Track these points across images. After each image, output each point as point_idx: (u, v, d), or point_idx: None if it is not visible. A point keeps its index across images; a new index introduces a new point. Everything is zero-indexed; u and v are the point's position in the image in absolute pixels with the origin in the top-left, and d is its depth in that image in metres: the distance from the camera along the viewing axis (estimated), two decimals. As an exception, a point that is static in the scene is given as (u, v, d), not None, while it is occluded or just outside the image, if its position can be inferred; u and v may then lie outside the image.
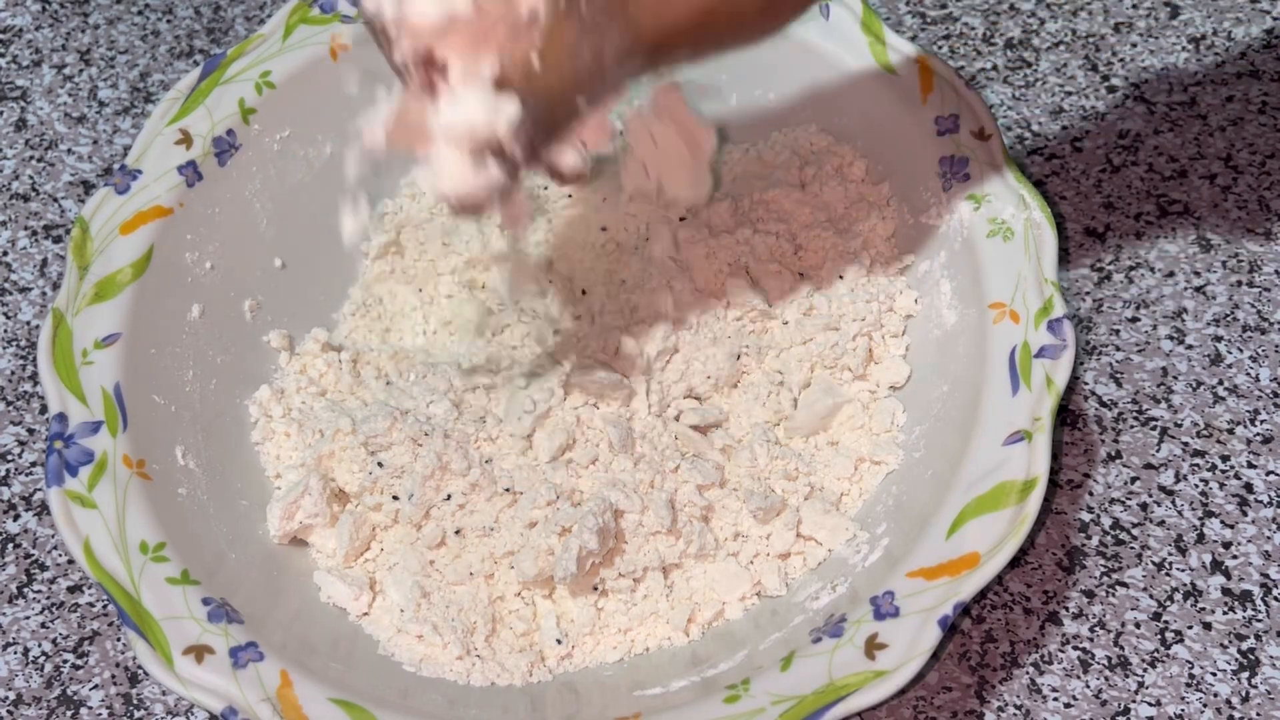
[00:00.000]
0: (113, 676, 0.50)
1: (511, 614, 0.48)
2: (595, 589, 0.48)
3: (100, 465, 0.45)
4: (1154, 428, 0.55)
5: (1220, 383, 0.56)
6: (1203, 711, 0.48)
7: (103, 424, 0.46)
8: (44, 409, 0.57)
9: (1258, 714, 0.48)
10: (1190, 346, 0.57)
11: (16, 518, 0.54)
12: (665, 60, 0.38)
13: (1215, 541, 0.52)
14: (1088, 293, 0.59)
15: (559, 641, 0.47)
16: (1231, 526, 0.52)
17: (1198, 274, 0.59)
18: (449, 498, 0.48)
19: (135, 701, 0.50)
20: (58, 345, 0.48)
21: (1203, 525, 0.52)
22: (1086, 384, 0.56)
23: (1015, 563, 0.52)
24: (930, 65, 0.53)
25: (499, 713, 0.45)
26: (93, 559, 0.43)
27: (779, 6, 0.39)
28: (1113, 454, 0.54)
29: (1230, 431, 0.55)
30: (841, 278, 0.54)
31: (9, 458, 0.56)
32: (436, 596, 0.48)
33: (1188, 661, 0.49)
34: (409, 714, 0.42)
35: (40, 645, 0.51)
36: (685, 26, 0.37)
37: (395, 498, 0.49)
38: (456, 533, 0.48)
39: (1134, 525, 0.52)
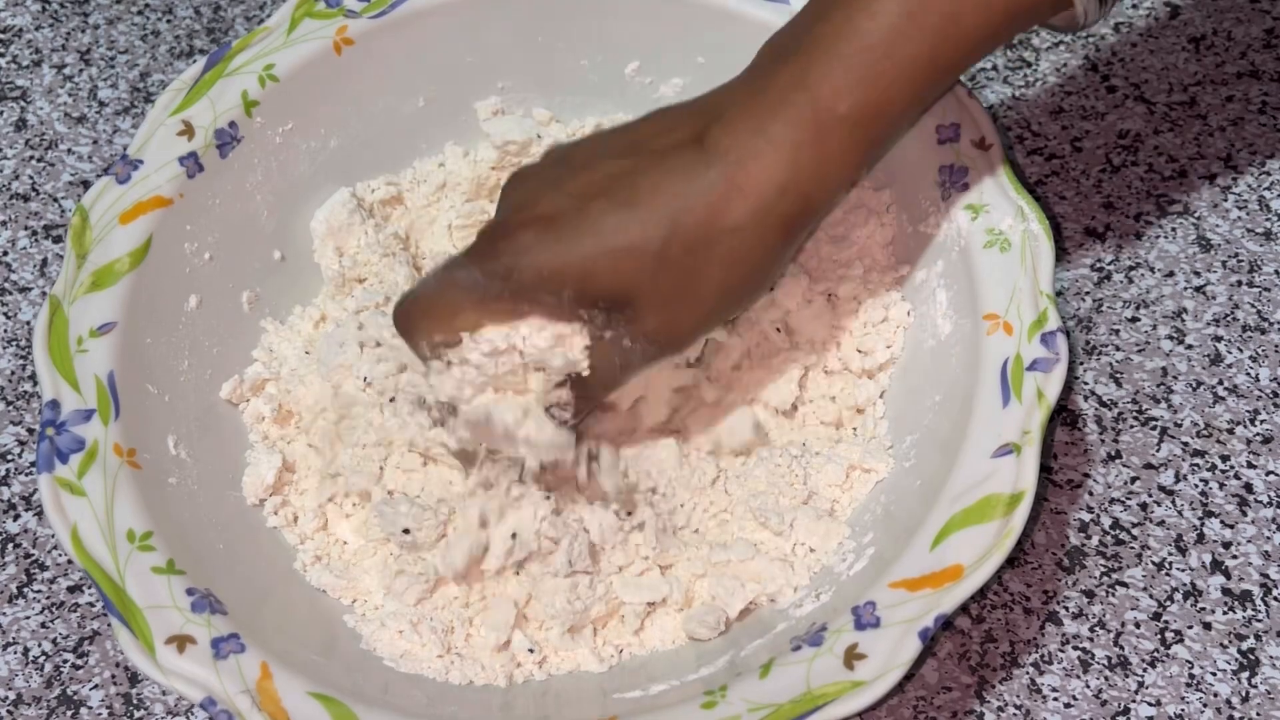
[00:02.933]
0: (113, 676, 0.50)
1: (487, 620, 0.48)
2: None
3: (90, 453, 0.45)
4: (1154, 428, 0.55)
5: (1220, 383, 0.56)
6: (1203, 711, 0.48)
7: (95, 412, 0.46)
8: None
9: (1258, 714, 0.48)
10: (1190, 346, 0.57)
11: (16, 518, 0.54)
12: (683, 350, 0.48)
13: (1215, 541, 0.52)
14: (1088, 293, 0.59)
15: (531, 650, 0.47)
16: (1231, 526, 0.52)
17: (1198, 274, 0.59)
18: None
19: (135, 701, 0.50)
20: (53, 333, 0.48)
21: (1203, 525, 0.52)
22: (1086, 384, 0.56)
23: (1015, 562, 0.52)
24: None
25: (477, 710, 0.45)
26: (80, 546, 0.43)
27: (759, 291, 0.46)
28: (1112, 454, 0.54)
29: (1230, 431, 0.55)
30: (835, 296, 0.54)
31: (9, 458, 0.56)
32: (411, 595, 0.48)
33: (1188, 661, 0.49)
34: (388, 709, 0.42)
35: (40, 645, 0.51)
36: (693, 335, 0.46)
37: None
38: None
39: (1134, 525, 0.52)
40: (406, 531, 0.48)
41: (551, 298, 0.43)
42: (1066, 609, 0.51)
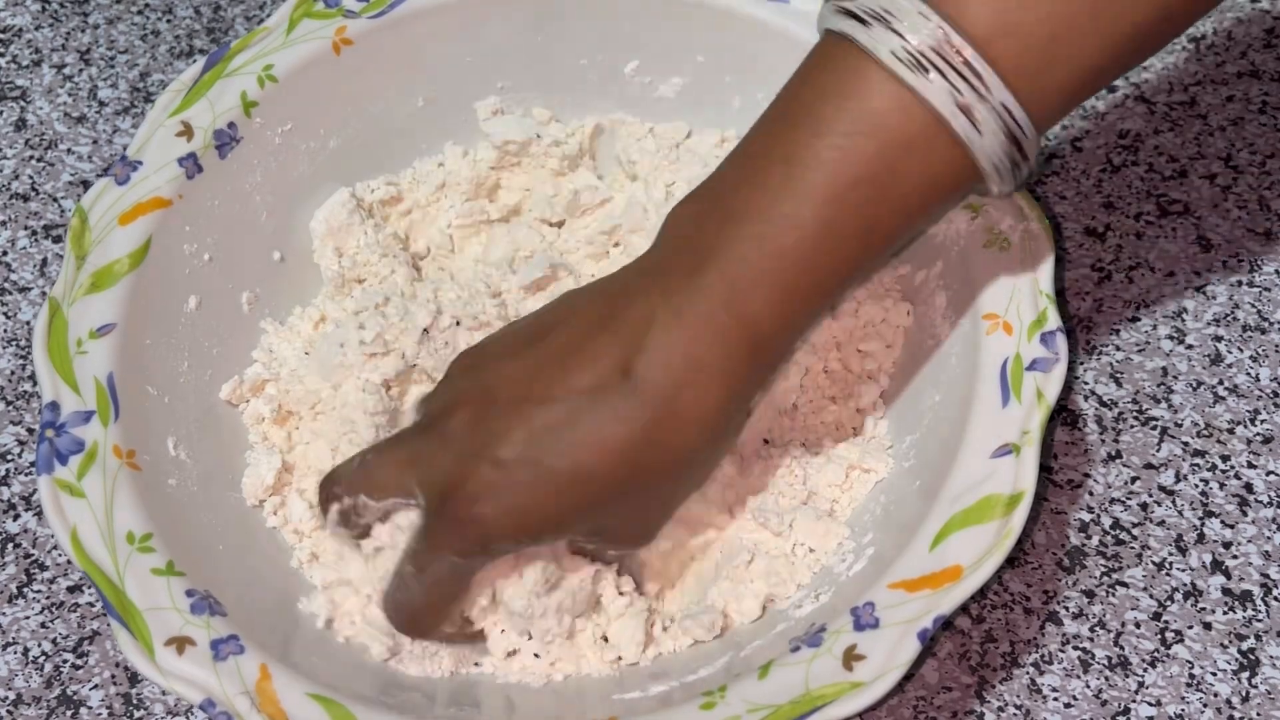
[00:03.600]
0: (113, 676, 0.50)
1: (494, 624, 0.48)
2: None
3: (90, 455, 0.45)
4: (1154, 428, 0.55)
5: (1220, 383, 0.56)
6: (1203, 711, 0.48)
7: (94, 413, 0.46)
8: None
9: (1258, 714, 0.48)
10: (1190, 346, 0.57)
11: (16, 518, 0.54)
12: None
13: (1215, 541, 0.52)
14: (1088, 293, 0.59)
15: (536, 656, 0.47)
16: (1231, 526, 0.52)
17: (1198, 274, 0.59)
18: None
19: (135, 701, 0.50)
20: (53, 334, 0.48)
21: (1203, 525, 0.52)
22: (1086, 384, 0.56)
23: (1015, 562, 0.52)
24: None
25: (476, 712, 0.45)
26: (79, 548, 0.43)
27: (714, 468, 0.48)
28: (1113, 454, 0.54)
29: (1230, 431, 0.55)
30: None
31: (9, 458, 0.56)
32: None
33: (1188, 661, 0.49)
34: (388, 711, 0.42)
35: (40, 645, 0.51)
36: (659, 529, 0.47)
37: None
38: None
39: (1134, 525, 0.52)
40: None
41: (534, 545, 0.44)
42: (1066, 609, 0.51)
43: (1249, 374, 0.56)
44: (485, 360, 0.44)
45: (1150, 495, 0.53)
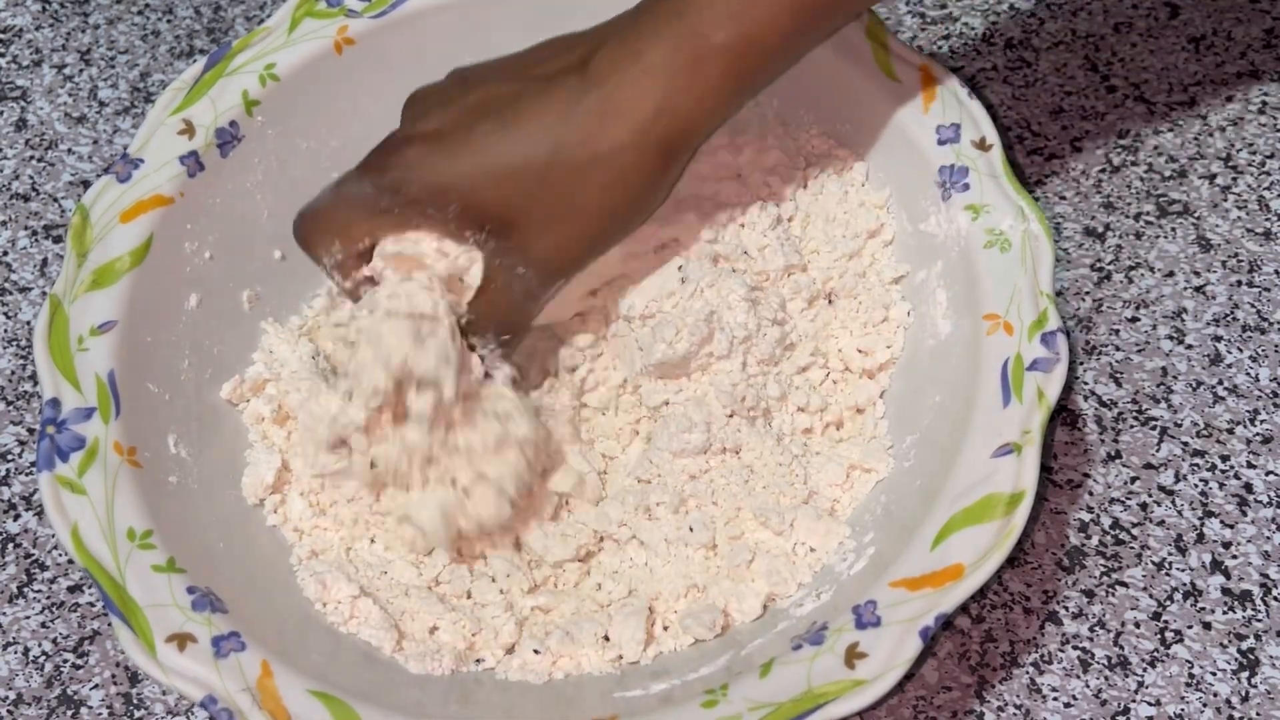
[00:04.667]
0: (113, 676, 0.50)
1: (494, 619, 0.48)
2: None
3: (91, 451, 0.45)
4: (1154, 428, 0.55)
5: (1220, 383, 0.56)
6: (1203, 711, 0.48)
7: (95, 410, 0.46)
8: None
9: (1258, 714, 0.48)
10: (1190, 346, 0.57)
11: (16, 518, 0.54)
12: (576, 272, 0.49)
13: (1215, 541, 0.52)
14: (1088, 293, 0.59)
15: (536, 652, 0.47)
16: (1231, 526, 0.52)
17: (1198, 274, 0.59)
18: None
19: (135, 701, 0.50)
20: (54, 331, 0.48)
21: (1202, 525, 0.52)
22: (1086, 384, 0.56)
23: (1015, 562, 0.52)
24: (933, 73, 0.53)
25: (479, 709, 0.45)
26: (80, 545, 0.43)
27: (643, 213, 0.48)
28: (1112, 454, 0.54)
29: (1230, 431, 0.55)
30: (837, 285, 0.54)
31: (9, 458, 0.56)
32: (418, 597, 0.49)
33: (1188, 661, 0.49)
34: (389, 708, 0.42)
35: (40, 645, 0.51)
36: (582, 259, 0.48)
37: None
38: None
39: (1134, 525, 0.52)
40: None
41: (439, 214, 0.46)
42: (1066, 609, 0.51)
43: (1248, 374, 0.56)
44: (473, 68, 0.49)
45: (1150, 495, 0.53)
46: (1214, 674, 0.49)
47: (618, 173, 0.45)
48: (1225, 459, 0.54)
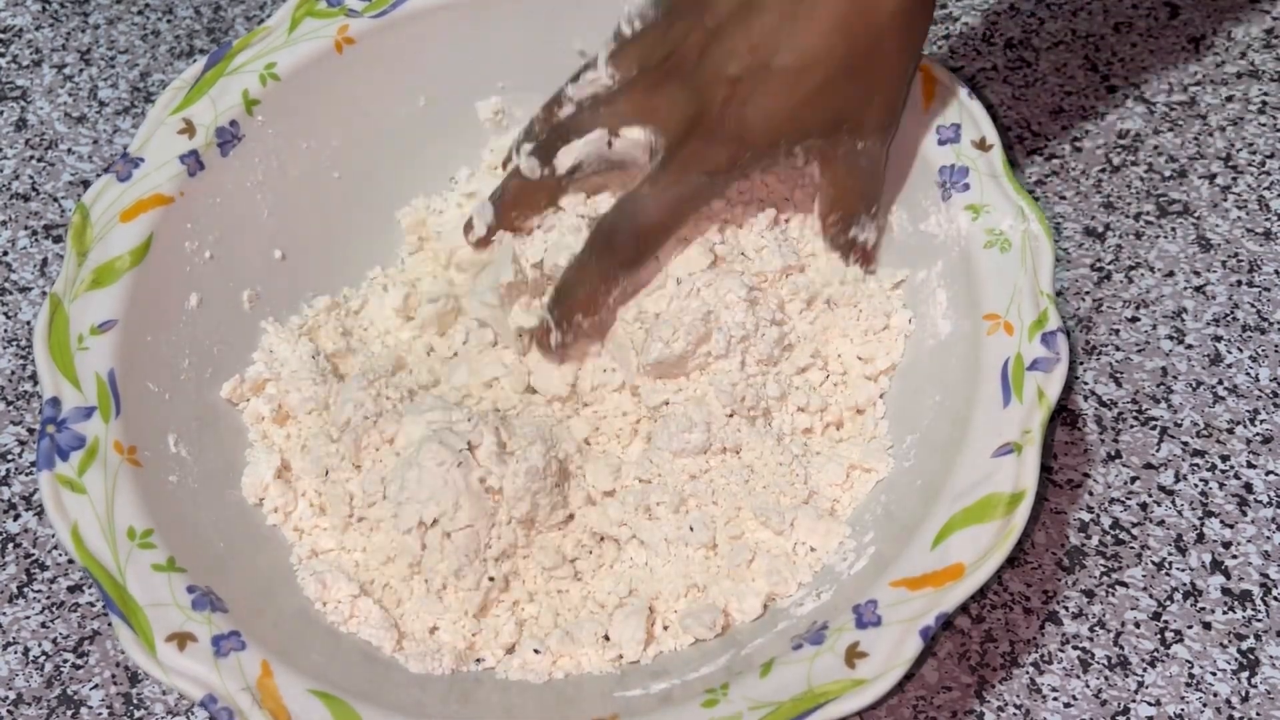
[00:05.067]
0: (113, 676, 0.50)
1: (495, 618, 0.49)
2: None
3: (91, 451, 0.45)
4: (1154, 428, 0.55)
5: (1220, 383, 0.56)
6: (1202, 711, 0.48)
7: (95, 410, 0.46)
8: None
9: (1258, 714, 0.48)
10: (1190, 346, 0.57)
11: (16, 517, 0.54)
12: (787, 151, 0.50)
13: (1215, 541, 0.52)
14: (1088, 293, 0.59)
15: (536, 651, 0.48)
16: (1231, 526, 0.52)
17: (1198, 274, 0.59)
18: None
19: (135, 701, 0.50)
20: (54, 330, 0.48)
21: (1202, 525, 0.52)
22: (1086, 384, 0.56)
23: (1015, 562, 0.52)
24: (934, 73, 0.53)
25: (480, 709, 0.45)
26: (80, 544, 0.43)
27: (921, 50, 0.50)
28: (1112, 454, 0.54)
29: (1230, 431, 0.55)
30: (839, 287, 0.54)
31: (9, 458, 0.56)
32: (418, 593, 0.49)
33: (1188, 661, 0.49)
34: (389, 707, 0.42)
35: (40, 645, 0.51)
36: (901, 106, 0.50)
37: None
38: (446, 535, 0.48)
39: (1134, 525, 0.53)
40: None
41: (779, 152, 0.49)
42: (1066, 609, 0.51)
43: (1248, 374, 0.56)
44: (691, 2, 0.50)
45: (1150, 495, 0.53)
46: (1214, 674, 0.49)
47: (902, 31, 0.47)
48: (1225, 459, 0.54)
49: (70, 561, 0.53)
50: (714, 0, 0.49)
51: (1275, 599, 0.50)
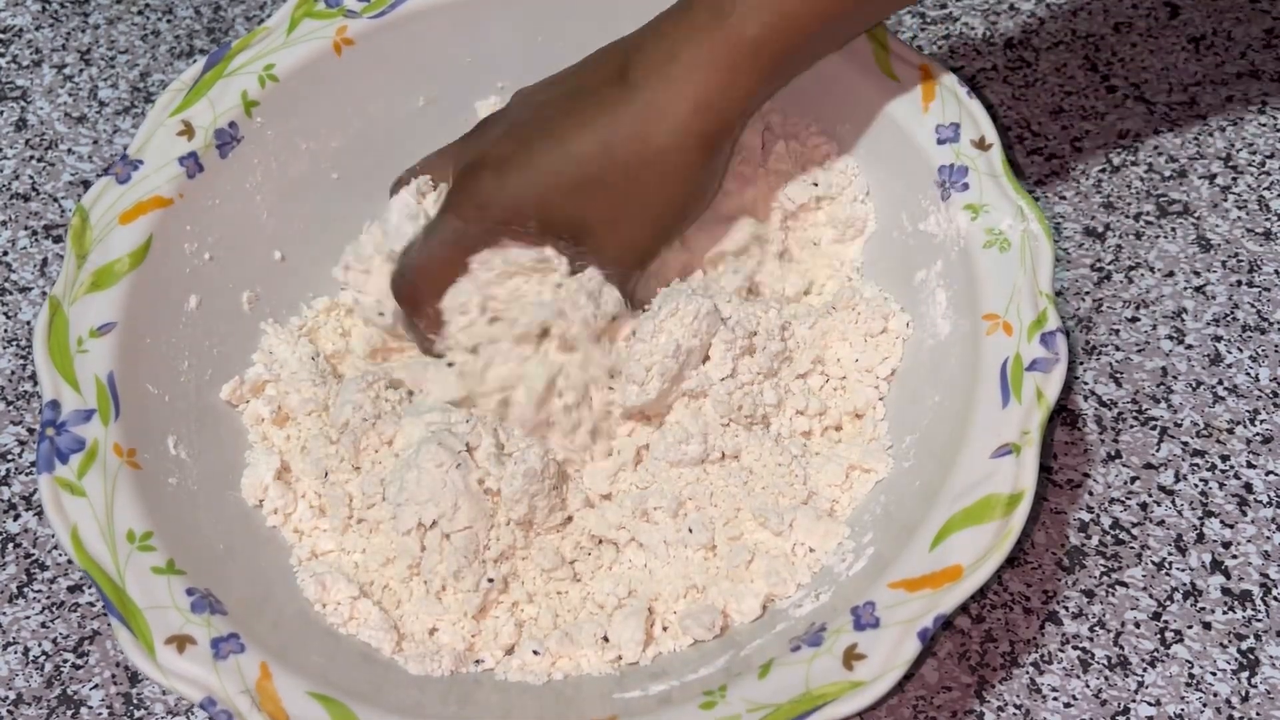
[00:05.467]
0: (113, 676, 0.50)
1: (494, 619, 0.49)
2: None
3: (90, 453, 0.45)
4: (1154, 428, 0.55)
5: (1220, 383, 0.56)
6: (1202, 711, 0.48)
7: (95, 412, 0.46)
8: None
9: (1258, 714, 0.48)
10: (1190, 346, 0.57)
11: (16, 518, 0.54)
12: (650, 264, 0.52)
13: (1215, 541, 0.52)
14: (1088, 293, 0.59)
15: (536, 653, 0.48)
16: (1231, 526, 0.52)
17: (1198, 274, 0.59)
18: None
19: (135, 701, 0.50)
20: (53, 333, 0.48)
21: (1202, 525, 0.52)
22: (1086, 384, 0.56)
23: (1015, 562, 0.52)
24: (933, 73, 0.53)
25: (479, 710, 0.45)
26: (80, 547, 0.43)
27: (700, 204, 0.51)
28: (1112, 454, 0.54)
29: (1230, 431, 0.55)
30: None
31: (9, 458, 0.56)
32: (417, 594, 0.49)
33: (1188, 661, 0.49)
34: (388, 709, 0.42)
35: (40, 645, 0.51)
36: (651, 252, 0.51)
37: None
38: (446, 536, 0.48)
39: (1134, 525, 0.52)
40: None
41: (522, 229, 0.49)
42: (1066, 609, 0.51)
43: (1248, 374, 0.56)
44: (532, 90, 0.52)
45: (1150, 495, 0.53)
46: (1214, 674, 0.49)
47: (669, 169, 0.48)
48: (1225, 459, 0.54)
49: (70, 562, 0.53)
50: (526, 95, 0.52)
51: (1275, 599, 0.50)
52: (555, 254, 0.50)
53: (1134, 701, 0.48)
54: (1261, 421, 0.55)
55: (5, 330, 0.60)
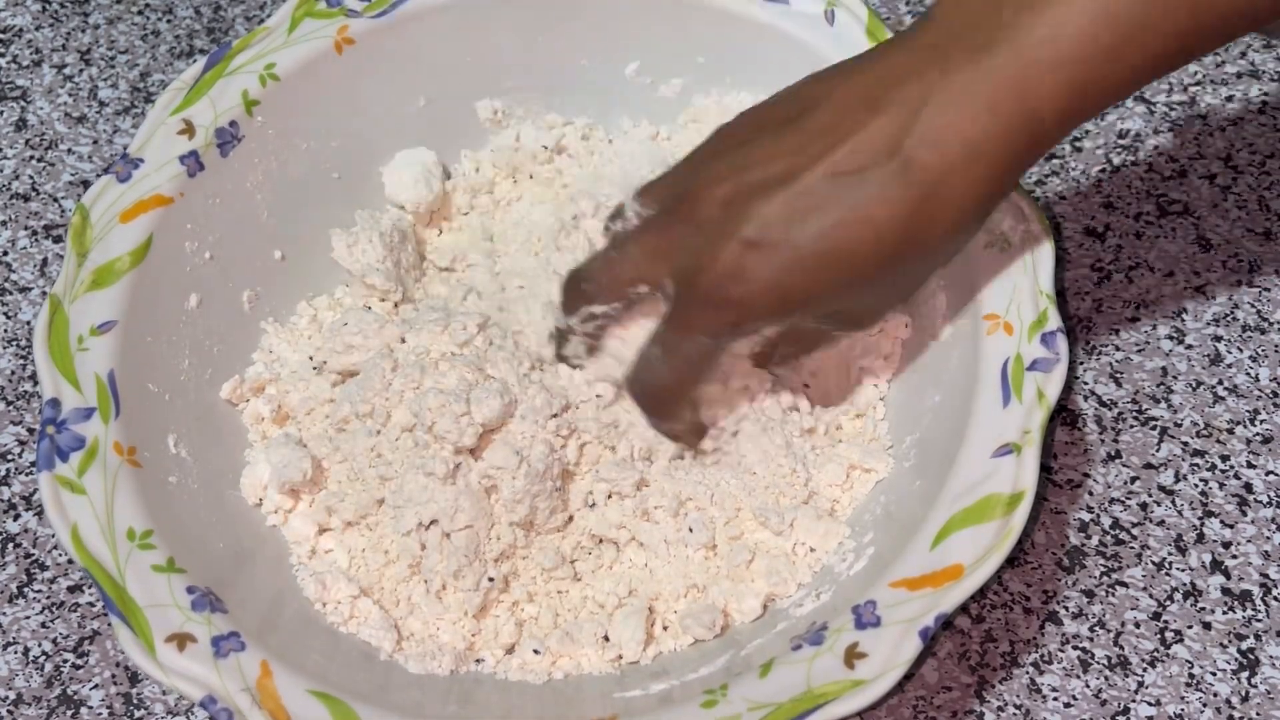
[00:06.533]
0: (113, 676, 0.50)
1: (495, 618, 0.49)
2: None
3: (91, 451, 0.45)
4: (1154, 427, 0.55)
5: (1220, 383, 0.56)
6: (1202, 711, 0.48)
7: (95, 410, 0.46)
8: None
9: (1258, 714, 0.48)
10: (1190, 346, 0.57)
11: (16, 517, 0.54)
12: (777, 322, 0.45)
13: (1215, 541, 0.52)
14: (1088, 293, 0.59)
15: (536, 652, 0.48)
16: (1231, 526, 0.52)
17: (1198, 274, 0.59)
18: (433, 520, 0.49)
19: (135, 701, 0.50)
20: (54, 331, 0.48)
21: (1202, 525, 0.52)
22: (1086, 384, 0.56)
23: (1015, 562, 0.52)
24: None
25: (478, 709, 0.45)
26: (80, 545, 0.43)
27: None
28: (1112, 454, 0.54)
29: (1230, 431, 0.55)
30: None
31: (9, 458, 0.56)
32: (417, 594, 0.49)
33: (1188, 661, 0.49)
34: (389, 708, 0.42)
35: (40, 645, 0.51)
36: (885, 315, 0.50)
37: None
38: (446, 535, 0.48)
39: (1134, 525, 0.52)
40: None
41: (781, 323, 0.45)
42: (1066, 609, 0.51)
43: (1249, 374, 0.56)
44: (736, 142, 0.44)
45: (1150, 495, 0.53)
46: (1214, 674, 0.49)
47: (943, 252, 0.43)
48: (1225, 459, 0.54)
49: (70, 561, 0.53)
50: (747, 159, 0.42)
51: (1275, 599, 0.50)
52: None
53: (1134, 701, 0.48)
54: (1261, 421, 0.55)
55: (5, 330, 0.60)
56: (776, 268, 0.41)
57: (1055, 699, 0.49)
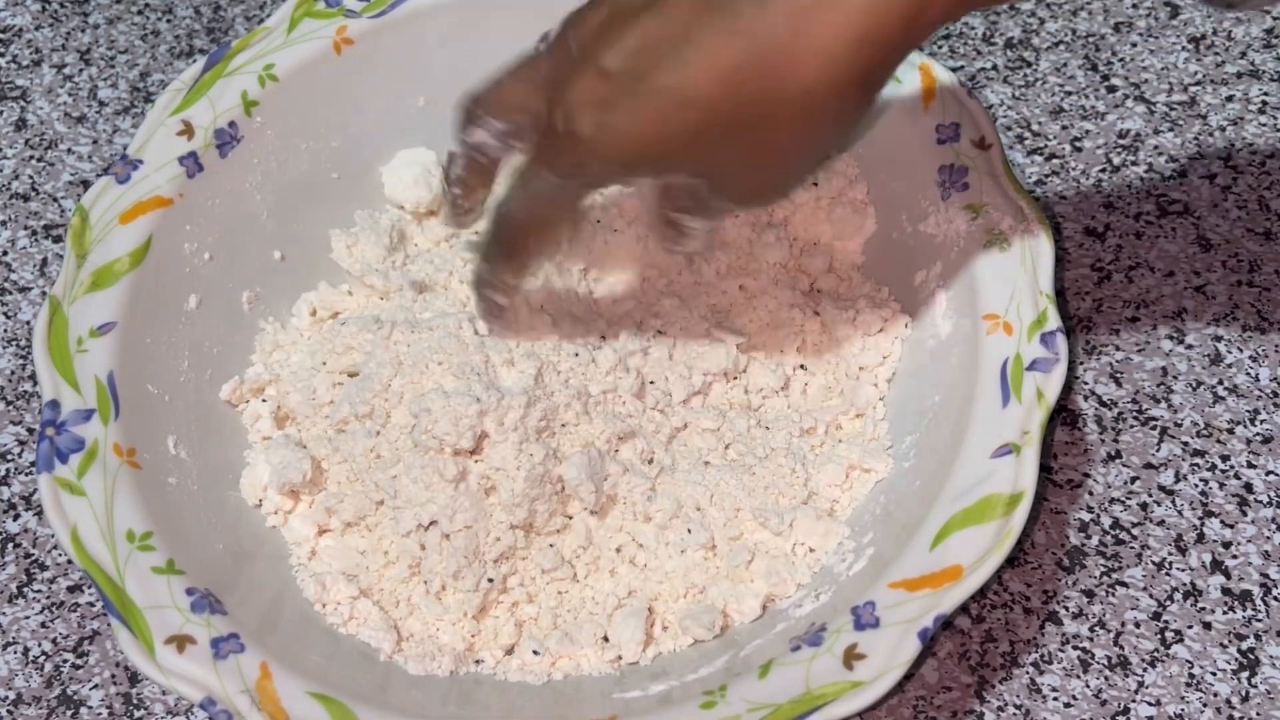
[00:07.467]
0: (113, 676, 0.50)
1: (494, 619, 0.49)
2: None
3: (90, 453, 0.45)
4: (1154, 427, 0.55)
5: (1220, 383, 0.56)
6: (1203, 711, 0.48)
7: (95, 412, 0.46)
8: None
9: (1258, 714, 0.48)
10: (1190, 346, 0.57)
11: (16, 518, 0.54)
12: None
13: (1215, 541, 0.52)
14: (1088, 293, 0.59)
15: (536, 653, 0.48)
16: (1231, 526, 0.52)
17: (1198, 274, 0.59)
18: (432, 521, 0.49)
19: (135, 701, 0.50)
20: (53, 333, 0.48)
21: (1203, 525, 0.52)
22: (1086, 384, 0.56)
23: (1015, 562, 0.52)
24: (933, 72, 0.53)
25: (477, 710, 0.45)
26: (80, 547, 0.43)
27: (844, 145, 0.42)
28: (1112, 454, 0.54)
29: (1230, 431, 0.55)
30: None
31: (9, 458, 0.56)
32: (417, 595, 0.49)
33: (1188, 661, 0.49)
34: (388, 709, 0.42)
35: (40, 645, 0.51)
36: (778, 196, 0.45)
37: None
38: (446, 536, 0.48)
39: (1134, 525, 0.52)
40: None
41: (633, 177, 0.44)
42: (1066, 609, 0.51)
43: (1249, 374, 0.56)
44: None
45: (1150, 495, 0.53)
46: (1214, 674, 0.49)
47: (812, 113, 0.39)
48: (1225, 459, 0.54)
49: (70, 562, 0.53)
50: None
51: (1275, 599, 0.50)
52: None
53: (1134, 701, 0.48)
54: (1261, 421, 0.55)
55: (5, 330, 0.60)
56: (620, 105, 0.39)
57: (1055, 699, 0.49)
